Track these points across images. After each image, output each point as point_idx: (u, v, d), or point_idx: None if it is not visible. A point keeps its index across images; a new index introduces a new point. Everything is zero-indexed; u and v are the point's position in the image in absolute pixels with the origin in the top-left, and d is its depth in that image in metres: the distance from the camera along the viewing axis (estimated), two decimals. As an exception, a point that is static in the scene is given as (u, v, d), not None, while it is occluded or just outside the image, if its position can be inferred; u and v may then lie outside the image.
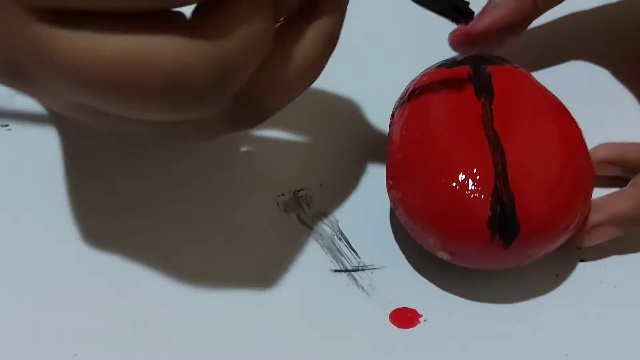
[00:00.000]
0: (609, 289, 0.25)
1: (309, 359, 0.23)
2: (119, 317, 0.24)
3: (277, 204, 0.27)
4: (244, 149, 0.29)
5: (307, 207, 0.27)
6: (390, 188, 0.25)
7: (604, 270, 0.25)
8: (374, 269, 0.25)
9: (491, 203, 0.22)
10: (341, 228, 0.26)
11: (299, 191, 0.27)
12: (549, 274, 0.25)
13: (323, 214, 0.27)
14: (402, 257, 0.25)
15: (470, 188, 0.23)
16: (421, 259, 0.25)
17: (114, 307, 0.24)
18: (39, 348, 0.23)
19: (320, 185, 0.27)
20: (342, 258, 0.25)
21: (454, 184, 0.23)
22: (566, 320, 0.24)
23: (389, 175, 0.25)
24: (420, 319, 0.24)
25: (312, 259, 0.25)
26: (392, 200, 0.25)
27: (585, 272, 0.25)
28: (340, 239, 0.26)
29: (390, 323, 0.24)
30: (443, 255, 0.24)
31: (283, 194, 0.27)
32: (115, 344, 0.23)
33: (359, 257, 0.25)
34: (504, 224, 0.22)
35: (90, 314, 0.24)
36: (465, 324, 0.24)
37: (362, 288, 0.24)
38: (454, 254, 0.24)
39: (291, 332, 0.23)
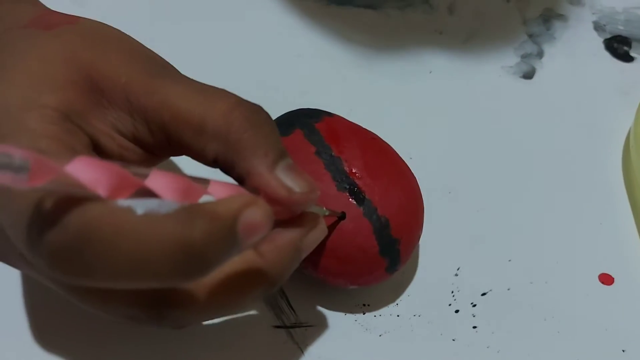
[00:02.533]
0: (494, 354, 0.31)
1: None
2: None
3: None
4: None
5: (256, 268, 0.32)
6: None
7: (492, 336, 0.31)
8: (308, 326, 0.30)
9: (375, 237, 0.28)
10: (283, 288, 0.31)
11: (249, 253, 0.32)
12: (446, 338, 0.31)
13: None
14: (331, 317, 0.31)
15: (355, 232, 0.28)
16: (346, 319, 0.31)
17: None
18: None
19: (268, 248, 0.32)
20: (283, 315, 0.31)
21: (343, 235, 0.28)
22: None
23: None
24: (343, 374, 0.29)
25: (258, 314, 0.30)
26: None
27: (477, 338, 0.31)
28: (282, 298, 0.31)
29: (318, 376, 0.29)
30: (352, 287, 0.30)
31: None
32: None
33: (296, 315, 0.31)
34: (390, 249, 0.29)
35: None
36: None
37: (297, 344, 0.30)
38: (360, 283, 0.30)
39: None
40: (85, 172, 0.18)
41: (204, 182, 0.21)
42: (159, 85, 0.23)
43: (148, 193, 0.19)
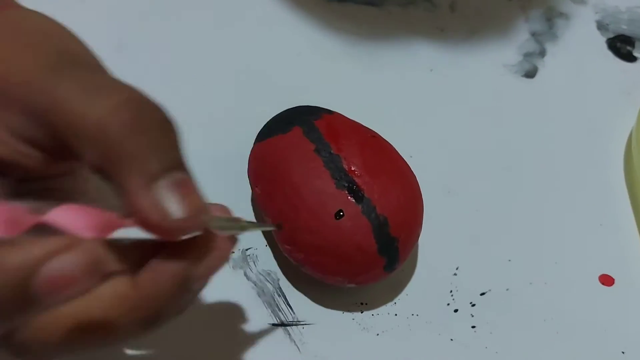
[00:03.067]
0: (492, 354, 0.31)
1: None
2: None
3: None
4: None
5: (253, 265, 0.31)
6: (289, 252, 0.29)
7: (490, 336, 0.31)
8: (305, 324, 0.30)
9: (374, 236, 0.28)
10: (281, 286, 0.31)
11: (247, 249, 0.32)
12: (444, 338, 0.31)
13: (266, 272, 0.31)
14: (329, 315, 0.31)
15: (354, 230, 0.28)
16: (343, 318, 0.31)
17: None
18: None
19: (266, 246, 0.32)
20: (280, 313, 0.30)
21: (342, 233, 0.28)
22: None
23: (282, 242, 0.29)
24: (339, 373, 0.29)
25: (254, 311, 0.30)
26: (296, 261, 0.29)
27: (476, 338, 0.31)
28: (279, 296, 0.31)
29: (314, 375, 0.29)
30: (350, 285, 0.29)
31: (232, 252, 0.31)
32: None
33: (293, 313, 0.30)
34: (389, 248, 0.28)
35: None
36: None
37: (294, 342, 0.30)
38: (358, 282, 0.29)
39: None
40: None
41: (43, 210, 0.18)
42: (55, 82, 0.20)
43: None
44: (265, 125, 0.32)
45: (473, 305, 0.32)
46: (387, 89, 0.39)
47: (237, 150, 0.32)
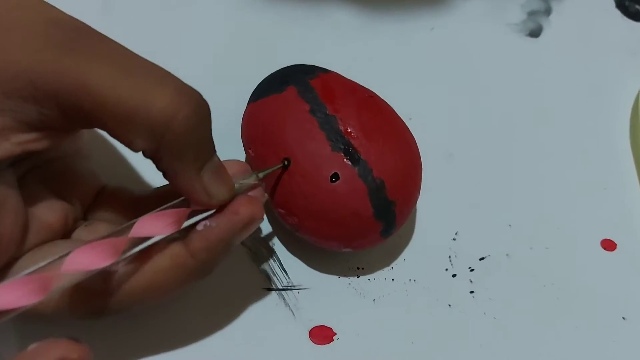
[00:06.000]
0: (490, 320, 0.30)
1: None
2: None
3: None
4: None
5: (247, 230, 0.31)
6: (283, 217, 0.29)
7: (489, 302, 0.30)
8: (300, 289, 0.30)
9: (370, 200, 0.27)
10: (276, 250, 0.30)
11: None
12: (442, 303, 0.30)
13: (261, 236, 0.31)
14: (325, 280, 0.30)
15: (349, 194, 0.27)
16: (339, 282, 0.30)
17: None
18: None
19: (261, 209, 0.31)
20: (274, 278, 0.30)
21: (336, 197, 0.27)
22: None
23: (276, 206, 0.29)
24: (334, 337, 0.28)
25: (248, 276, 0.30)
26: (290, 225, 0.29)
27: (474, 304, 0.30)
28: (274, 260, 0.30)
29: (309, 339, 0.28)
30: (346, 250, 0.29)
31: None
32: None
33: (288, 278, 0.30)
34: (385, 212, 0.28)
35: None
36: (369, 343, 0.29)
37: (289, 306, 0.29)
38: (354, 247, 0.29)
39: (219, 343, 0.28)
40: None
41: (125, 229, 0.22)
42: (71, 63, 0.20)
43: None
44: (258, 85, 0.31)
45: (472, 270, 0.31)
46: (386, 47, 0.38)
47: (230, 111, 0.31)
